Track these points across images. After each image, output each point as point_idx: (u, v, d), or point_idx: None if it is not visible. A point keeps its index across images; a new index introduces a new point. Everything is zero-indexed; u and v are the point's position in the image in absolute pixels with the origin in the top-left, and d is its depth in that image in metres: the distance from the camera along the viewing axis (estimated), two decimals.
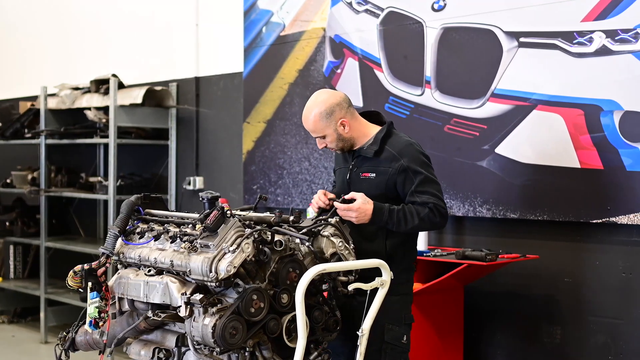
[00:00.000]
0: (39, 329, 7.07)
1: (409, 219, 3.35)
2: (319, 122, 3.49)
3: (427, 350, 4.49)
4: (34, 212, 7.46)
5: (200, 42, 6.56)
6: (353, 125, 3.54)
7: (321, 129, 3.50)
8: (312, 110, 3.51)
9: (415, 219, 3.35)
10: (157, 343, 3.27)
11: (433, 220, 3.38)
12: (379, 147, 3.49)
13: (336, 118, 3.49)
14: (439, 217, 3.39)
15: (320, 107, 3.50)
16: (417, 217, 3.36)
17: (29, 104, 7.33)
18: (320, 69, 5.54)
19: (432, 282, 4.36)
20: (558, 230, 4.46)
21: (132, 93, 6.40)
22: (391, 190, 3.45)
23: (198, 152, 6.58)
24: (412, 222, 3.35)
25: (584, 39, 4.25)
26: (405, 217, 3.36)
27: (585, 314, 4.41)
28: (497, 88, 4.58)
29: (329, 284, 3.25)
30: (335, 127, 3.49)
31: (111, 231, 3.35)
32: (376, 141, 3.51)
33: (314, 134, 3.56)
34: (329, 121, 3.49)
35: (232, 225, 3.05)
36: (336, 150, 3.60)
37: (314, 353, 3.19)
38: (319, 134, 3.53)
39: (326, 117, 3.48)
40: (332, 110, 3.49)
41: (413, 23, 4.98)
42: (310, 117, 3.51)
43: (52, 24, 8.13)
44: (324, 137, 3.53)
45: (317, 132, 3.52)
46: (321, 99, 3.53)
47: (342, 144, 3.54)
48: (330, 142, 3.53)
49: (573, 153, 4.30)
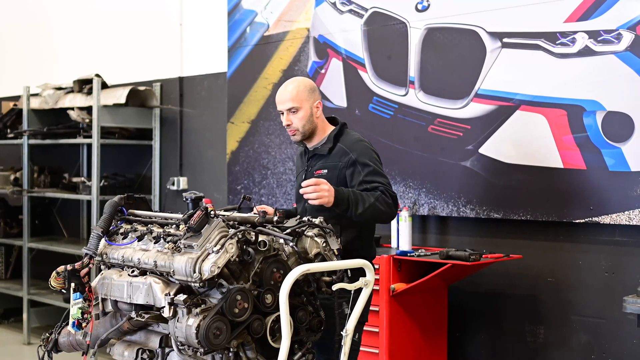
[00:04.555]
0: (21, 330, 7.03)
1: (366, 198, 3.47)
2: (302, 91, 3.64)
3: (411, 350, 4.51)
4: (17, 213, 7.42)
5: (184, 42, 6.55)
6: (321, 115, 3.72)
7: (300, 99, 3.63)
8: (297, 81, 3.70)
9: (371, 198, 3.47)
10: (141, 344, 3.26)
11: (386, 201, 3.50)
12: (332, 145, 3.66)
13: (315, 97, 3.68)
14: (391, 199, 3.52)
15: (305, 82, 3.71)
16: (372, 197, 3.47)
17: (11, 104, 7.29)
18: (304, 69, 5.54)
19: (416, 282, 4.38)
20: (541, 230, 4.48)
21: (115, 93, 6.38)
22: (342, 184, 3.58)
23: (182, 153, 6.56)
24: (369, 200, 3.46)
25: (567, 39, 4.27)
26: (362, 197, 3.47)
27: (568, 313, 4.43)
28: (481, 88, 4.60)
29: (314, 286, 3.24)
30: (312, 104, 3.66)
31: (94, 232, 3.34)
32: (329, 139, 3.69)
33: (291, 103, 3.63)
34: (310, 95, 3.66)
35: (216, 226, 3.04)
36: (294, 135, 3.69)
37: (298, 353, 3.18)
38: (296, 104, 3.63)
39: (309, 91, 3.66)
40: (314, 89, 3.71)
41: (397, 23, 4.99)
42: (294, 85, 3.67)
43: (35, 23, 8.09)
44: (297, 112, 3.63)
45: (295, 101, 3.63)
46: (303, 78, 3.78)
47: (307, 126, 3.66)
48: (300, 119, 3.64)
49: (556, 153, 4.32)
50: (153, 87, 6.64)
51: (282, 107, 3.67)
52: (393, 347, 4.40)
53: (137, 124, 6.64)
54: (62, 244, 7.10)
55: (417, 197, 4.89)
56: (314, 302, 3.23)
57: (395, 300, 4.41)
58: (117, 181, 6.68)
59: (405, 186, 4.95)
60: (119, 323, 3.22)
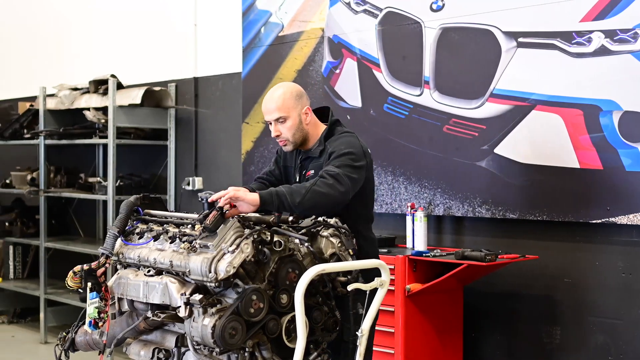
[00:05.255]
0: (38, 329, 7.07)
1: (301, 187, 3.24)
2: (288, 99, 3.48)
3: (426, 351, 4.50)
4: (34, 213, 7.46)
5: (199, 43, 6.56)
6: (311, 120, 3.56)
7: (287, 108, 3.47)
8: (282, 88, 3.53)
9: (307, 184, 3.25)
10: (157, 343, 3.27)
11: (326, 182, 3.24)
12: (323, 147, 3.51)
13: (303, 103, 3.52)
14: (332, 179, 3.25)
15: (291, 88, 3.53)
16: (308, 183, 3.26)
17: (28, 105, 7.33)
18: (318, 69, 5.54)
19: (432, 282, 4.37)
20: (557, 230, 4.46)
21: (131, 93, 6.40)
22: None
23: (197, 153, 6.58)
24: (305, 187, 3.22)
25: (583, 39, 4.25)
26: (297, 187, 3.25)
27: (584, 314, 4.41)
28: (496, 88, 4.59)
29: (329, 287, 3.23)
30: (299, 111, 3.50)
31: (110, 231, 3.35)
32: (321, 142, 3.54)
33: (278, 113, 3.47)
34: (297, 103, 3.49)
35: (231, 226, 3.05)
36: (285, 145, 3.56)
37: (314, 353, 3.18)
38: (283, 114, 3.47)
39: (295, 98, 3.50)
40: (301, 95, 3.53)
41: (412, 23, 4.98)
42: (279, 93, 3.50)
43: (51, 24, 8.13)
44: (285, 121, 3.48)
45: (282, 110, 3.47)
46: (289, 83, 3.59)
47: (298, 134, 3.51)
48: (289, 129, 3.49)
49: (572, 153, 4.30)
50: (168, 88, 6.66)
51: (269, 117, 3.52)
52: (408, 348, 4.40)
53: (153, 124, 6.65)
54: (78, 243, 7.13)
55: (433, 198, 4.88)
56: (330, 302, 3.23)
57: (410, 301, 4.40)
58: (132, 181, 6.70)
59: (421, 186, 4.94)
60: (135, 322, 3.24)
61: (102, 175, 7.18)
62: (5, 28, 8.78)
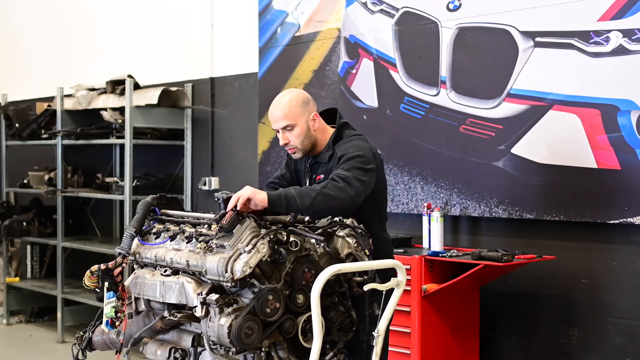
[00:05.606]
0: (55, 328, 7.10)
1: (311, 189, 3.23)
2: (295, 107, 3.45)
3: (442, 351, 4.49)
4: (51, 213, 7.49)
5: (216, 43, 6.58)
6: (319, 126, 3.53)
7: (295, 116, 3.45)
8: (288, 95, 3.50)
9: (317, 187, 3.24)
10: (173, 343, 3.28)
11: (336, 185, 3.23)
12: (332, 152, 3.49)
13: (310, 110, 3.49)
14: (343, 182, 3.24)
15: (298, 95, 3.51)
16: (318, 186, 3.24)
17: (45, 105, 7.36)
18: (335, 69, 5.54)
19: (448, 282, 4.36)
20: (575, 230, 4.44)
21: (147, 94, 6.42)
22: None
23: (213, 153, 6.59)
24: (315, 190, 3.21)
25: (601, 38, 4.23)
26: (307, 189, 3.24)
27: (602, 315, 4.39)
28: (513, 88, 4.57)
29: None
30: (307, 118, 3.48)
31: (127, 231, 3.36)
32: (329, 146, 3.52)
33: (285, 121, 3.45)
34: (304, 110, 3.47)
35: (248, 226, 3.06)
36: (294, 152, 3.55)
37: (330, 353, 3.18)
38: (290, 122, 3.45)
39: (302, 105, 3.48)
40: (308, 101, 3.51)
41: (428, 23, 4.97)
42: (285, 101, 3.47)
43: (69, 25, 8.17)
44: (292, 129, 3.47)
45: (289, 118, 3.45)
46: (295, 90, 3.56)
47: (306, 141, 3.50)
48: (297, 136, 3.47)
49: (590, 153, 4.28)
50: (185, 88, 6.68)
51: (276, 125, 3.50)
52: (425, 348, 4.39)
53: (169, 124, 6.67)
54: (95, 243, 7.17)
55: (449, 198, 4.87)
56: (346, 302, 3.23)
57: (427, 301, 4.40)
58: (149, 181, 6.72)
59: (437, 186, 4.93)
60: (152, 322, 3.25)
61: (118, 175, 7.21)
62: (23, 29, 8.84)
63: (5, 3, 9.07)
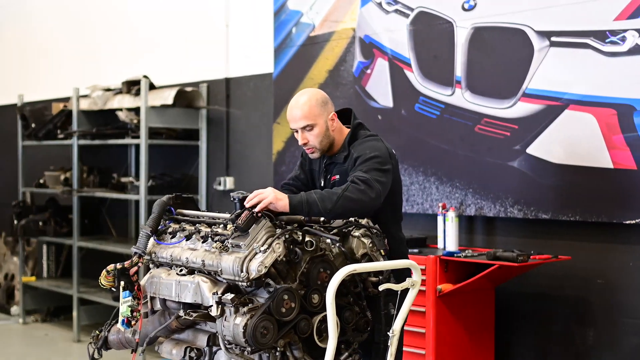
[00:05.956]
0: (71, 327, 7.14)
1: (333, 193, 3.22)
2: (315, 107, 3.44)
3: (457, 352, 4.48)
4: (67, 212, 7.53)
5: (231, 43, 6.59)
6: (337, 126, 3.53)
7: (314, 116, 3.44)
8: (307, 95, 3.49)
9: (338, 190, 3.22)
10: (189, 342, 3.29)
11: (358, 187, 3.22)
12: (347, 152, 3.48)
13: (328, 110, 3.49)
14: (363, 184, 3.23)
15: (317, 95, 3.49)
16: (339, 189, 3.23)
17: (61, 105, 7.40)
18: (350, 70, 5.54)
19: (463, 283, 4.35)
20: (590, 231, 4.42)
21: (163, 94, 6.45)
22: None
23: (228, 153, 6.60)
24: (336, 193, 3.20)
25: (617, 37, 4.21)
26: (328, 193, 3.23)
27: (618, 315, 4.37)
28: (529, 88, 4.56)
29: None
30: (326, 118, 3.47)
31: (143, 231, 3.38)
32: (344, 147, 3.51)
33: (304, 121, 3.44)
34: (323, 110, 3.46)
35: (263, 226, 3.06)
36: (312, 152, 3.54)
37: (345, 353, 3.19)
38: (309, 122, 3.44)
39: (321, 105, 3.47)
40: (327, 101, 3.50)
41: (443, 23, 4.96)
42: (304, 100, 3.46)
43: (84, 25, 8.20)
44: (312, 129, 3.45)
45: (309, 118, 3.44)
46: (314, 90, 3.55)
47: (325, 141, 3.49)
48: (316, 136, 3.46)
49: (606, 153, 4.27)
50: (200, 88, 6.69)
51: (295, 125, 3.48)
52: (439, 349, 4.38)
53: (184, 124, 6.69)
54: (111, 243, 7.19)
55: (464, 198, 4.86)
56: (361, 302, 3.23)
57: (441, 301, 4.39)
58: (164, 181, 6.74)
59: (452, 186, 4.92)
60: (168, 321, 3.26)
61: (134, 175, 7.23)
62: (39, 30, 8.88)
63: (23, 4, 9.12)
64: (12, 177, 8.33)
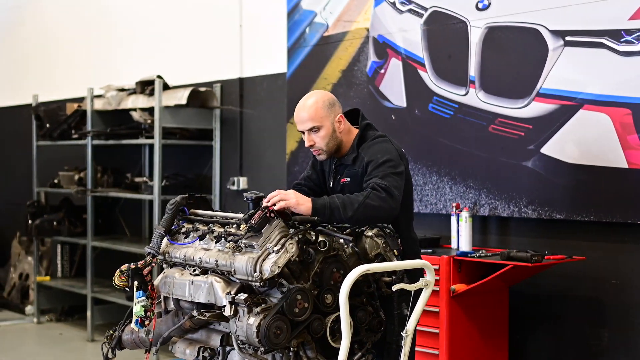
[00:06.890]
0: (85, 327, 7.16)
1: (354, 199, 3.21)
2: (321, 109, 3.44)
3: (471, 352, 4.47)
4: (81, 212, 7.56)
5: (244, 43, 6.60)
6: (344, 128, 3.52)
7: (320, 117, 3.44)
8: (314, 97, 3.49)
9: (360, 197, 3.22)
10: (202, 342, 3.30)
11: (379, 195, 3.22)
12: (356, 153, 3.47)
13: (335, 111, 3.48)
14: (384, 192, 3.23)
15: (324, 96, 3.49)
16: (361, 196, 3.22)
17: (75, 106, 7.42)
18: (363, 69, 5.53)
19: (477, 283, 4.34)
20: (605, 231, 4.40)
21: (176, 94, 6.46)
22: None
23: (242, 153, 6.61)
24: (357, 200, 3.19)
25: (632, 37, 4.19)
26: (350, 199, 3.21)
27: (632, 316, 4.35)
28: (543, 87, 4.54)
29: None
30: (333, 120, 3.47)
31: (157, 231, 3.39)
32: (353, 148, 3.50)
33: (310, 123, 3.44)
34: (330, 111, 3.46)
35: (276, 226, 3.06)
36: (319, 154, 3.54)
37: (358, 354, 3.19)
38: (316, 124, 3.44)
39: (328, 106, 3.46)
40: (334, 103, 3.50)
41: (457, 22, 4.95)
42: (311, 102, 3.46)
43: (98, 26, 8.23)
44: (318, 130, 3.45)
45: (315, 120, 3.44)
46: (321, 92, 3.56)
47: (332, 143, 3.48)
48: (322, 138, 3.46)
49: (620, 153, 4.24)
50: (213, 88, 6.70)
51: (301, 127, 3.49)
52: (453, 349, 4.37)
53: (198, 124, 6.70)
54: (124, 242, 7.21)
55: (478, 198, 4.85)
56: (374, 302, 3.23)
57: (455, 302, 4.38)
58: (178, 181, 6.75)
59: (466, 186, 4.91)
60: (181, 321, 3.27)
61: (148, 175, 7.25)
62: (54, 31, 8.92)
63: (38, 5, 9.16)
64: (26, 177, 8.37)
